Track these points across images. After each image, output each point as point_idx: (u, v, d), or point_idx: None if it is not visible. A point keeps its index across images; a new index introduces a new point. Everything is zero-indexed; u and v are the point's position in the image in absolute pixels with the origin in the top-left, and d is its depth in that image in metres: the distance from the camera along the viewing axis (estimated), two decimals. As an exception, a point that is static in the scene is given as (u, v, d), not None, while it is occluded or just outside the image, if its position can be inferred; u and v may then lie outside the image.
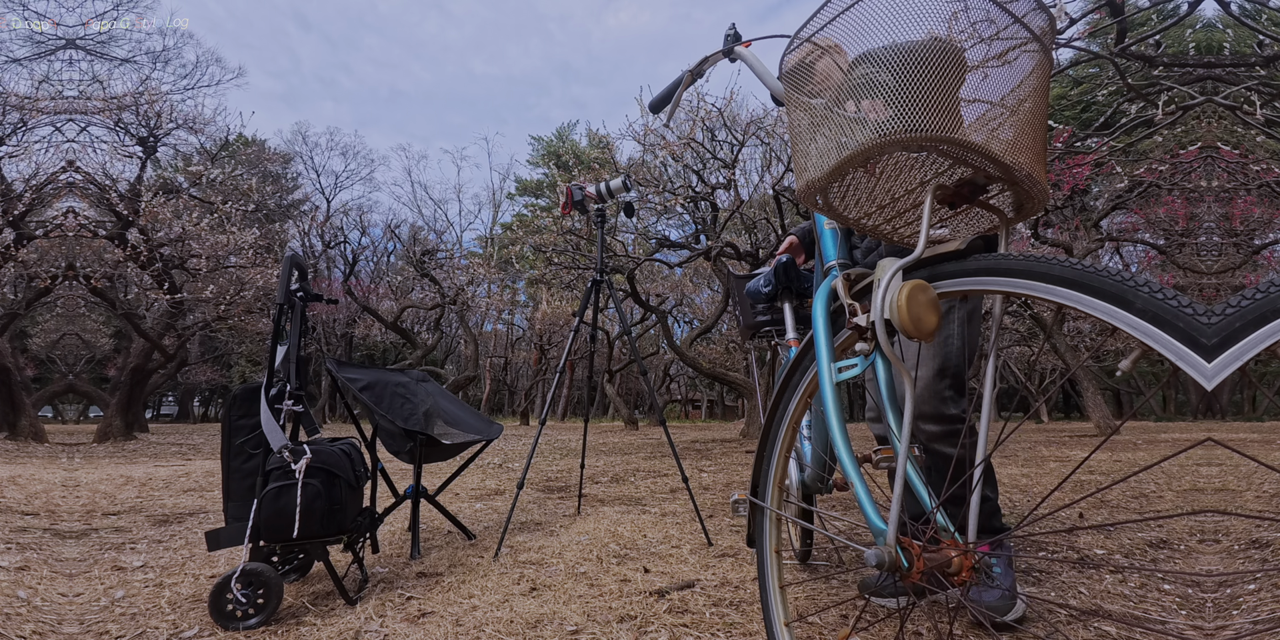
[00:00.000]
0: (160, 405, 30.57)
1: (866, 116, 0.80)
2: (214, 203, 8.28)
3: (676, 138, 7.29)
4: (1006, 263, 0.78)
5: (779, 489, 1.10)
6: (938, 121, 0.77)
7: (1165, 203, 9.22)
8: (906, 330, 0.80)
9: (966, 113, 0.83)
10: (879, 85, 0.80)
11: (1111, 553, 1.95)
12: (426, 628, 1.43)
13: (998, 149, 0.80)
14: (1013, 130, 0.82)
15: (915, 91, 0.78)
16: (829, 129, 0.85)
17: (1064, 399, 25.43)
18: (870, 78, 0.81)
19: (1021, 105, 0.83)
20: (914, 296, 0.80)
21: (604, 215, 2.70)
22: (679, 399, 33.59)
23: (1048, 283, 0.72)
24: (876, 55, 0.82)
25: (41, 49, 8.27)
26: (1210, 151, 5.99)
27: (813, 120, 0.89)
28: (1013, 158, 0.80)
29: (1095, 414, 8.37)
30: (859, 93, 0.81)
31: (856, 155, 0.81)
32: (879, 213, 0.92)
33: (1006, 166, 0.80)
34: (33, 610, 1.59)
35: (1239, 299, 0.57)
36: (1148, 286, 0.63)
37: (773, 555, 1.10)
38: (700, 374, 11.48)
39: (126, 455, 6.26)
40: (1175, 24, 3.22)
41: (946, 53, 0.82)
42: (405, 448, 2.10)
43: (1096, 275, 0.67)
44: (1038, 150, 0.83)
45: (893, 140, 0.78)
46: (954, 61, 0.82)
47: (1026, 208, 0.87)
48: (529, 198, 31.50)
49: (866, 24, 0.82)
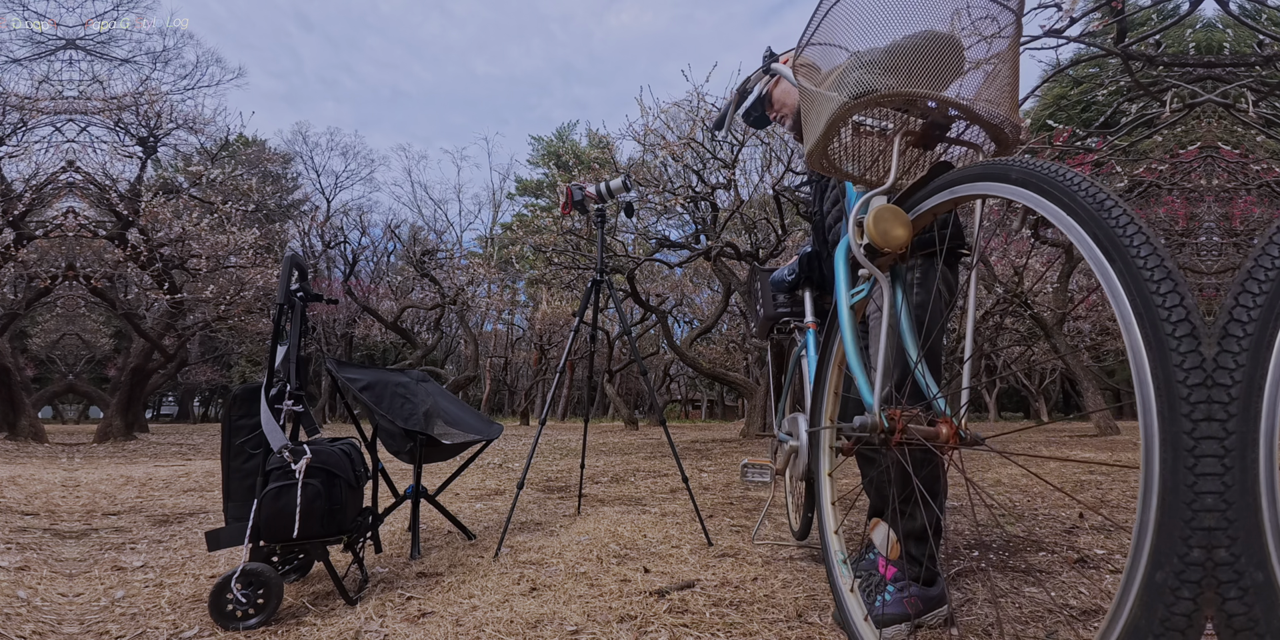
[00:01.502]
0: (160, 405, 30.58)
1: (840, 89, 0.99)
2: (214, 203, 8.27)
3: (676, 138, 7.28)
4: (963, 171, 0.90)
5: (831, 420, 1.37)
6: (884, 82, 0.95)
7: (1165, 203, 9.22)
8: (876, 242, 0.99)
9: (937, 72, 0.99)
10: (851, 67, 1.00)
11: (1111, 553, 1.95)
12: (426, 628, 1.43)
13: (945, 96, 0.97)
14: (976, 80, 0.99)
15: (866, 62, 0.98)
16: (818, 108, 1.06)
17: (1064, 399, 25.43)
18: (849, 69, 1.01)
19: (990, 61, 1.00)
20: (880, 216, 0.99)
21: (604, 215, 2.70)
22: (679, 399, 33.58)
23: (989, 180, 0.83)
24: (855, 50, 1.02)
25: (41, 49, 8.27)
26: (1210, 151, 5.99)
27: (810, 104, 1.10)
28: (973, 101, 0.96)
29: (1095, 414, 8.38)
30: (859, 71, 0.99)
31: (833, 120, 1.01)
32: (874, 167, 1.11)
33: (960, 107, 0.97)
34: (33, 610, 1.59)
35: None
36: (1084, 187, 0.69)
37: (826, 477, 1.37)
38: (700, 374, 11.49)
39: (126, 455, 6.26)
40: (1175, 23, 3.22)
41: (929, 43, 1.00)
42: (405, 448, 2.10)
43: (1042, 173, 0.73)
44: (1002, 95, 0.99)
45: (852, 105, 0.97)
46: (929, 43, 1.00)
47: (1002, 143, 1.01)
48: (529, 198, 31.50)
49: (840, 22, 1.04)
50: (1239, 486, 0.54)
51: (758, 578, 1.76)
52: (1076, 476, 3.69)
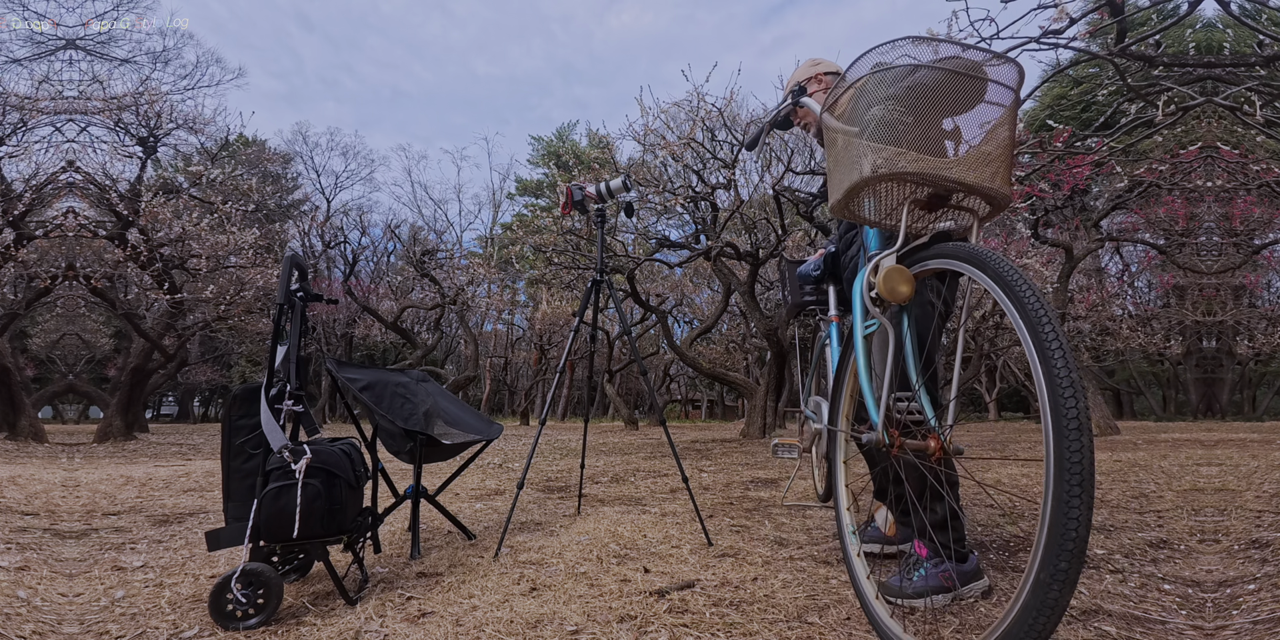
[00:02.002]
0: (160, 405, 30.58)
1: (859, 162, 1.21)
2: (214, 203, 8.27)
3: (676, 138, 7.28)
4: (942, 248, 1.22)
5: (846, 419, 1.61)
6: (899, 163, 1.18)
7: (1165, 203, 9.21)
8: (884, 295, 1.24)
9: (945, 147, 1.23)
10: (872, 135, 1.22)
11: (1111, 553, 1.95)
12: (426, 628, 1.43)
13: (954, 173, 1.17)
14: (975, 158, 1.19)
15: (882, 145, 1.19)
16: (846, 168, 1.27)
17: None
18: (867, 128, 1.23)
19: (993, 137, 1.20)
20: (890, 275, 1.23)
21: (604, 215, 2.70)
22: (679, 399, 33.58)
23: (941, 258, 1.20)
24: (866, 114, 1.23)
25: (42, 49, 8.28)
26: (1210, 151, 5.99)
27: (835, 160, 1.31)
28: (968, 176, 1.17)
29: (1095, 414, 8.38)
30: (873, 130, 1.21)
31: (854, 187, 1.24)
32: (889, 216, 1.31)
33: (957, 184, 1.18)
34: (33, 610, 1.59)
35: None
36: (998, 260, 1.06)
37: (842, 465, 1.62)
38: (700, 374, 11.48)
39: (126, 455, 6.27)
40: (1175, 24, 3.22)
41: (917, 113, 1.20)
42: (405, 448, 2.10)
43: (978, 253, 1.10)
44: (999, 168, 1.19)
45: (863, 181, 1.21)
46: (925, 120, 1.20)
47: (994, 207, 1.24)
48: (529, 198, 31.50)
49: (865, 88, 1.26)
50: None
51: (758, 578, 1.76)
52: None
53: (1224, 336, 11.48)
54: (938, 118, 1.19)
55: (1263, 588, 1.60)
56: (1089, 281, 14.37)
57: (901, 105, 1.18)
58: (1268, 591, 1.57)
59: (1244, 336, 11.89)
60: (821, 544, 2.15)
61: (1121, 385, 20.51)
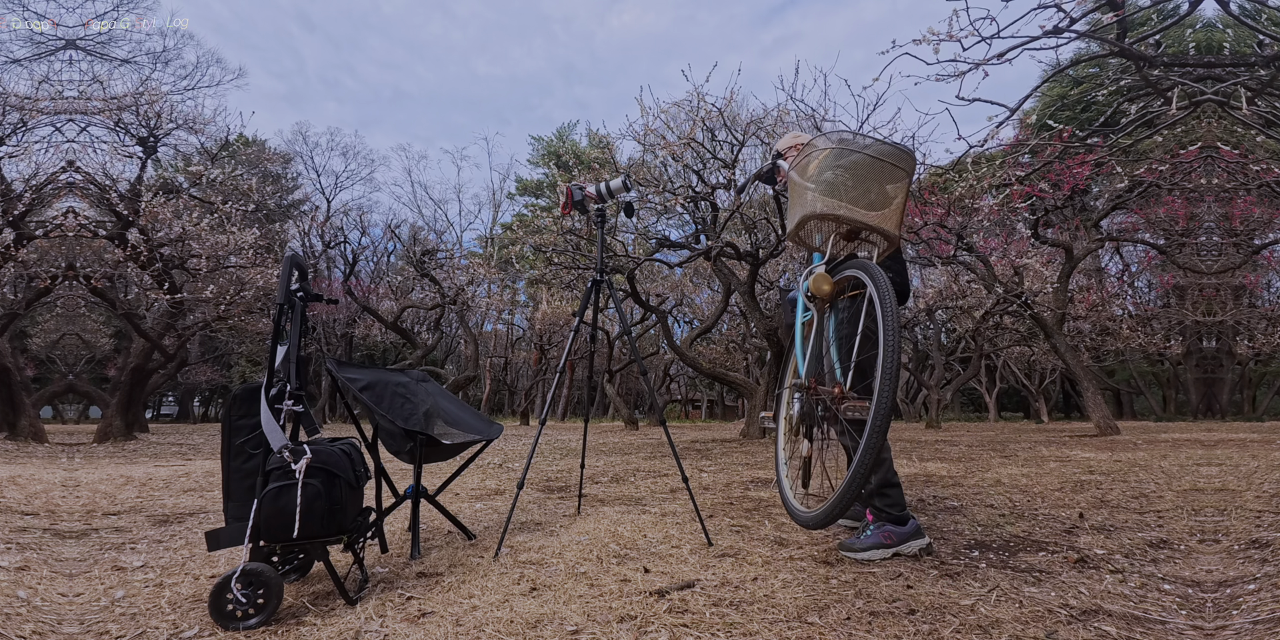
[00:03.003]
0: (160, 405, 30.58)
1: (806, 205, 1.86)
2: (214, 203, 8.26)
3: (676, 138, 7.28)
4: (850, 262, 1.85)
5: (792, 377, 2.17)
6: (823, 207, 1.83)
7: (1165, 203, 9.21)
8: (813, 291, 1.86)
9: (860, 203, 1.83)
10: (817, 189, 1.86)
11: (1111, 553, 1.95)
12: (426, 628, 1.43)
13: (860, 218, 1.81)
14: (875, 212, 1.82)
15: (812, 197, 1.85)
16: (797, 203, 1.93)
17: (1064, 399, 25.42)
18: (815, 185, 1.87)
19: (895, 197, 1.85)
20: (817, 278, 1.86)
21: (604, 215, 2.70)
22: (679, 399, 33.59)
23: (854, 270, 1.79)
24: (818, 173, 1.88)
25: (42, 49, 8.28)
26: (1210, 151, 5.99)
27: (793, 202, 1.97)
28: (865, 221, 1.81)
29: (1095, 414, 8.37)
30: (814, 182, 1.86)
31: (801, 221, 1.89)
32: (825, 240, 1.96)
33: (863, 225, 1.83)
34: (33, 610, 1.59)
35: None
36: (875, 269, 1.70)
37: (784, 420, 2.14)
38: (700, 374, 11.49)
39: (126, 455, 6.27)
40: (1175, 23, 3.22)
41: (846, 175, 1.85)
42: (405, 448, 2.10)
43: (866, 265, 1.74)
44: (895, 218, 1.84)
45: (806, 217, 1.87)
46: (848, 183, 1.85)
47: (890, 243, 1.89)
48: (529, 198, 31.50)
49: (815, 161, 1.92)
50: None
51: (758, 578, 1.76)
52: (1076, 476, 3.69)
53: (1224, 336, 11.48)
54: (864, 182, 1.82)
55: (1263, 588, 1.60)
56: (1089, 281, 14.37)
57: (846, 172, 1.84)
58: (1268, 591, 1.57)
59: (1244, 336, 11.89)
60: (821, 544, 2.15)
61: (1121, 385, 20.50)
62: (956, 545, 2.08)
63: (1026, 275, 9.81)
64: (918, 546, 1.95)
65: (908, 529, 1.96)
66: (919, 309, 13.50)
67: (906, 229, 7.75)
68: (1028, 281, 9.77)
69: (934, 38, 3.46)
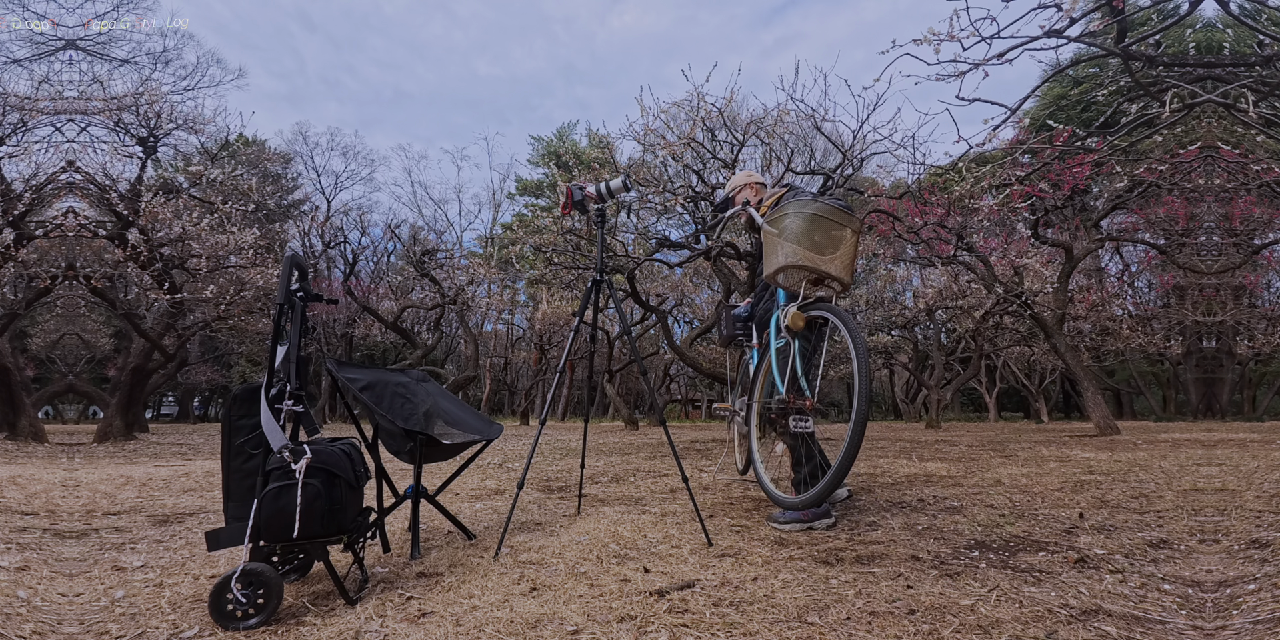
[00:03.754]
0: (160, 405, 30.57)
1: (781, 256, 2.45)
2: (214, 203, 8.26)
3: (676, 138, 7.27)
4: (820, 304, 2.43)
5: (759, 395, 2.83)
6: (799, 260, 2.40)
7: (1165, 203, 9.21)
8: (789, 325, 2.46)
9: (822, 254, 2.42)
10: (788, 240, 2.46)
11: (1111, 553, 1.95)
12: (426, 628, 1.43)
13: (824, 268, 2.40)
14: (834, 263, 2.41)
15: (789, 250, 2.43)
16: (773, 256, 2.50)
17: (1064, 399, 25.41)
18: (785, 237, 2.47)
19: (845, 248, 2.44)
20: (793, 315, 2.45)
21: (604, 215, 2.70)
22: (679, 399, 33.56)
23: (819, 310, 2.41)
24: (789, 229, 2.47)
25: (42, 50, 8.28)
26: (1210, 151, 5.98)
27: (768, 250, 2.54)
28: (828, 270, 2.40)
29: (1095, 414, 8.37)
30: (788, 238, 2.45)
31: (776, 269, 2.47)
32: (798, 284, 2.51)
33: (827, 274, 2.42)
34: (33, 610, 1.59)
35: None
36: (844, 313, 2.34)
37: (754, 429, 2.90)
38: (700, 374, 11.47)
39: (126, 455, 6.27)
40: (1175, 23, 3.22)
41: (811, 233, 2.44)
42: (405, 448, 2.10)
43: (836, 309, 2.36)
44: (847, 266, 2.44)
45: (783, 267, 2.45)
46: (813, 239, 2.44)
47: (843, 287, 2.50)
48: (529, 198, 31.49)
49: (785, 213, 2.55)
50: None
51: (758, 578, 1.76)
52: (1076, 476, 3.69)
53: (1224, 336, 11.47)
54: (820, 234, 2.39)
55: (1263, 588, 1.60)
56: (1089, 281, 14.36)
57: (807, 223, 2.39)
58: (1268, 591, 1.57)
59: (1244, 336, 11.88)
60: (821, 544, 2.15)
61: (1121, 385, 20.49)
62: (956, 545, 2.08)
63: (1026, 275, 9.81)
64: (824, 524, 2.39)
65: (822, 510, 2.41)
66: (919, 309, 13.50)
67: (907, 229, 7.78)
68: (1028, 281, 9.76)
69: (934, 38, 3.46)
